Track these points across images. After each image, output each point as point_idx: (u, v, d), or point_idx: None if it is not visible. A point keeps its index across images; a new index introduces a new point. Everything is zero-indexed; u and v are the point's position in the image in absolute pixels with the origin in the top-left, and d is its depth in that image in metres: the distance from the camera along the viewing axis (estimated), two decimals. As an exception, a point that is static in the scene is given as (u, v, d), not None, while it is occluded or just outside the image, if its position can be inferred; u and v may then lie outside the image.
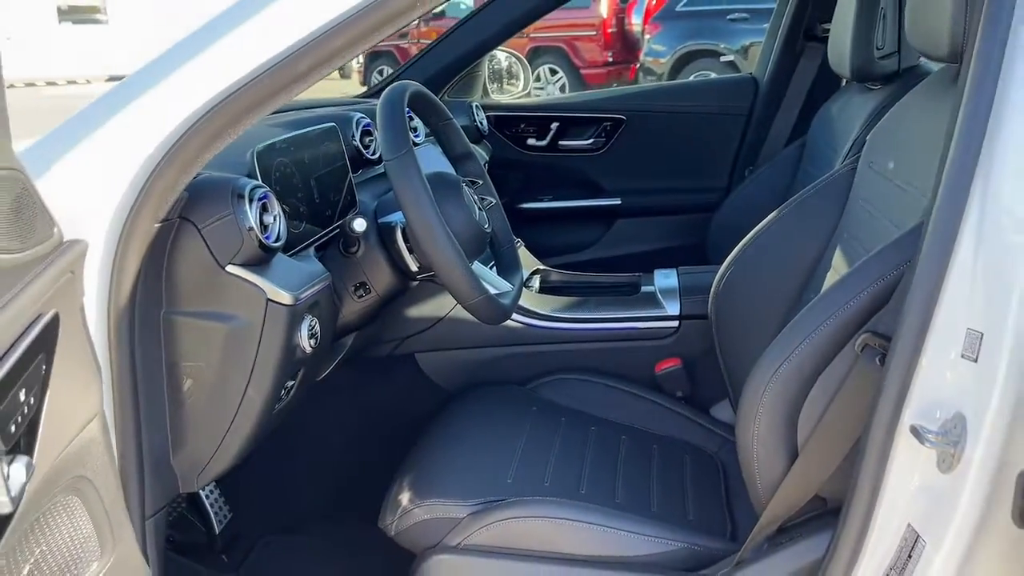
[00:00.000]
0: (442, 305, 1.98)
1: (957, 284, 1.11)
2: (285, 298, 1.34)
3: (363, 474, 1.92)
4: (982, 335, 1.08)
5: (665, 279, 2.16)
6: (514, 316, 1.98)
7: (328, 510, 1.99)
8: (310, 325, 1.42)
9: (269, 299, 1.32)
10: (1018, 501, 1.05)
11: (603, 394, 1.92)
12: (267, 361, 1.35)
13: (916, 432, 1.13)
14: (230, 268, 1.30)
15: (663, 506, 1.58)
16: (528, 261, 2.33)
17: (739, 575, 1.36)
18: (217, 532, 1.91)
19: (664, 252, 2.89)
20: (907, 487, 1.16)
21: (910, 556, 1.14)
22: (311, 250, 1.58)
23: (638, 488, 1.62)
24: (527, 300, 2.04)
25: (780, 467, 1.34)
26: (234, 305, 1.31)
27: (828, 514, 1.36)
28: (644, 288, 2.17)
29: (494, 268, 1.95)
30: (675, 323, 2.02)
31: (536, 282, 2.26)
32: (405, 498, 1.52)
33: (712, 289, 1.84)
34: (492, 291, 1.58)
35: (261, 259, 1.34)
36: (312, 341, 1.43)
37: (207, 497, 1.89)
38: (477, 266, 1.68)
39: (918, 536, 1.14)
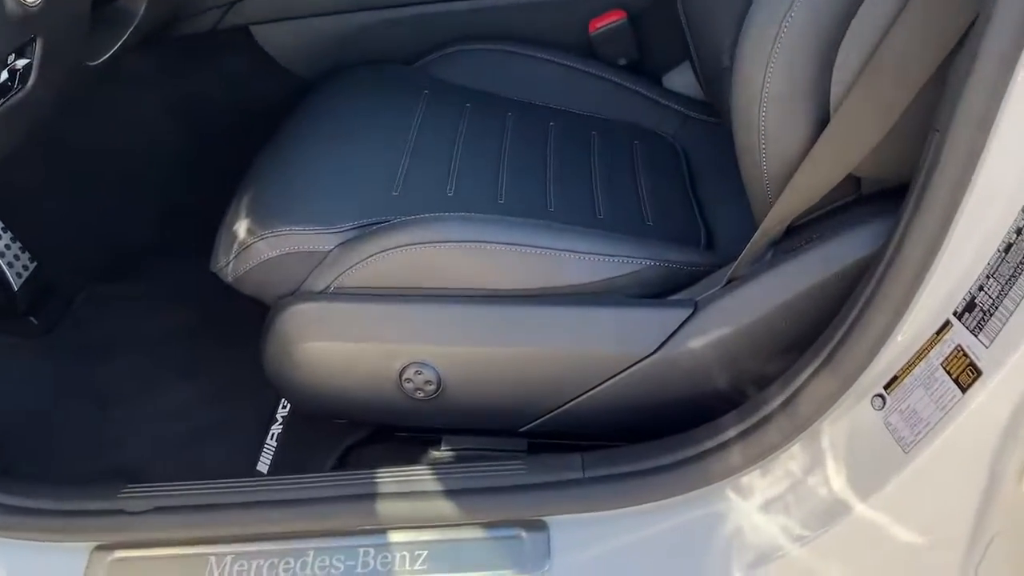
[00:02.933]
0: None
1: None
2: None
3: (198, 199, 1.42)
4: None
5: None
6: (390, -36, 1.40)
7: (159, 249, 1.50)
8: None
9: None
10: None
11: (521, 67, 1.40)
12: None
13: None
14: None
15: (612, 212, 1.13)
16: None
17: (733, 298, 0.95)
18: (16, 289, 1.42)
19: None
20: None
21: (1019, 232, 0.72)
22: None
23: (577, 190, 1.16)
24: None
25: (799, 140, 0.88)
26: None
27: (860, 203, 0.94)
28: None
29: None
30: (613, -38, 1.46)
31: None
32: (243, 230, 1.04)
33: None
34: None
35: None
36: (35, -13, 0.86)
37: (-7, 246, 1.38)
38: None
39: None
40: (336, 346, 1.00)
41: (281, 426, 1.21)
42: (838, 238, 0.91)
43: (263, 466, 1.15)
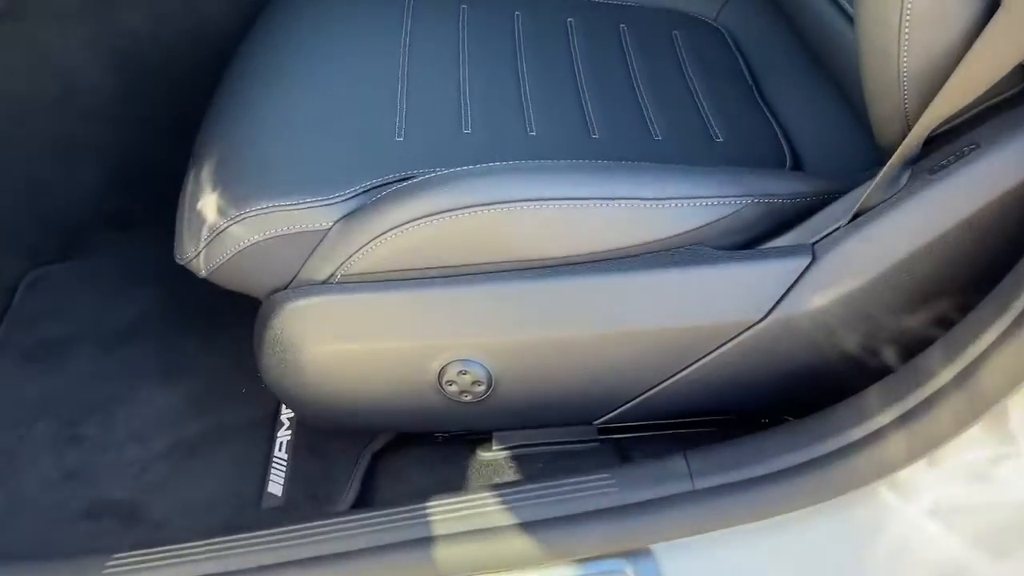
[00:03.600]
0: None
1: None
2: None
3: (150, 156, 1.18)
4: None
5: None
6: None
7: (109, 219, 1.26)
8: None
9: None
10: None
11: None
12: None
13: None
14: None
15: (672, 130, 0.90)
16: None
17: (863, 239, 0.73)
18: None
19: None
20: None
21: None
22: None
23: (621, 106, 0.92)
24: None
25: (964, 19, 0.65)
26: None
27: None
28: None
29: None
30: None
31: None
32: (211, 210, 0.80)
33: None
34: None
35: None
36: None
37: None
38: None
39: None
40: (353, 348, 0.78)
41: (289, 431, 1.00)
42: (1004, 146, 0.68)
43: (275, 486, 0.95)
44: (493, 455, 0.88)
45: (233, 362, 1.08)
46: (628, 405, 0.80)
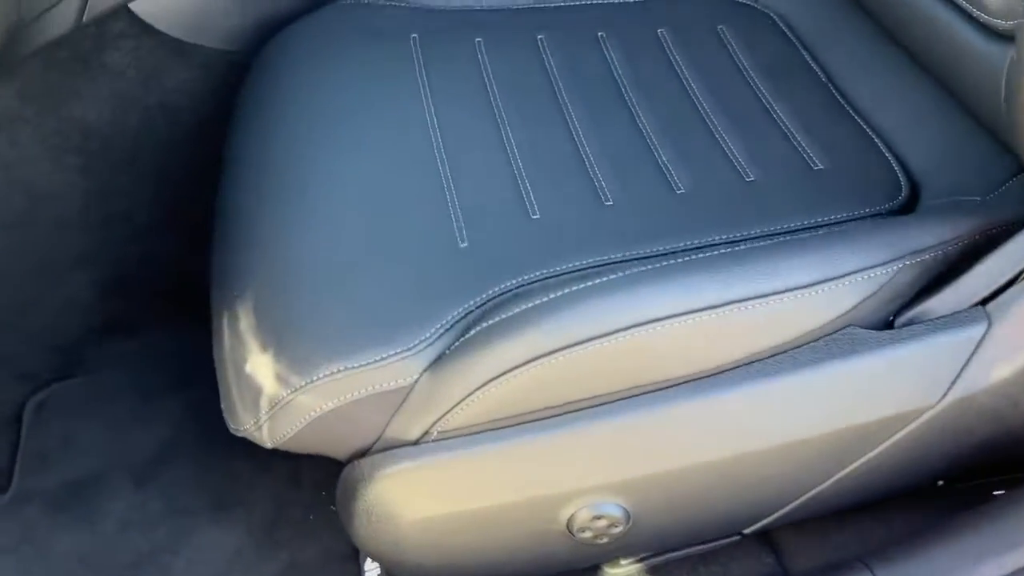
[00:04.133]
0: None
1: None
2: None
3: (138, 251, 1.04)
4: None
5: None
6: None
7: (105, 327, 1.12)
8: None
9: None
10: None
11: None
12: None
13: None
14: None
15: (762, 165, 0.77)
16: None
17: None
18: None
19: None
20: None
21: None
22: None
23: (696, 144, 0.79)
24: None
25: None
26: None
27: None
28: None
29: None
30: None
31: None
32: (266, 377, 0.66)
33: None
34: None
35: None
36: None
37: None
38: None
39: None
40: (463, 508, 0.66)
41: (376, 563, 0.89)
42: None
43: (377, 633, 0.84)
44: (624, 571, 0.78)
45: (291, 483, 0.97)
46: (781, 512, 0.70)
